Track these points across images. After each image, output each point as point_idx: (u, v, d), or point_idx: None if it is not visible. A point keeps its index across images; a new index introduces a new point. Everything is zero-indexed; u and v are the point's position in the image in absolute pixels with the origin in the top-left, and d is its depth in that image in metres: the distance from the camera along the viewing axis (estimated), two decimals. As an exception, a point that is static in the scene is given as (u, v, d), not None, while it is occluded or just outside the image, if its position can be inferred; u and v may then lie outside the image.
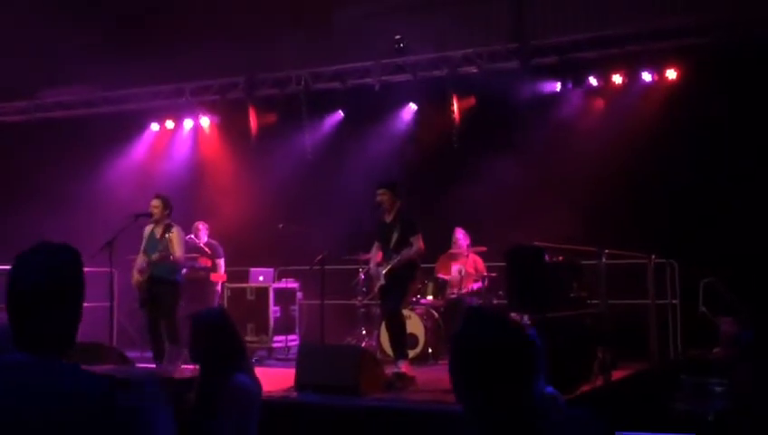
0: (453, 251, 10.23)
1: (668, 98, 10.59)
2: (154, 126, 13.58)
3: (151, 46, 11.93)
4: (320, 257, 8.82)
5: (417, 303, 9.89)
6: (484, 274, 10.06)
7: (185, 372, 6.72)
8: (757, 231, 9.49)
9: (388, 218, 8.08)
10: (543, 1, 11.48)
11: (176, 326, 8.39)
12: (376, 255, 8.21)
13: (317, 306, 9.15)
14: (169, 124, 13.49)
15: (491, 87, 11.21)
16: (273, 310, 10.72)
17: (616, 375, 7.73)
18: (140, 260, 8.63)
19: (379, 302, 8.74)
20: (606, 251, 8.30)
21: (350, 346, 9.41)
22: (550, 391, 3.28)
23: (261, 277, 11.06)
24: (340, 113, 12.67)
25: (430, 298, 10.04)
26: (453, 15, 11.71)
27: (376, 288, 8.29)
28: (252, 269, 11.19)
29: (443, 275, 10.21)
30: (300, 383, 7.14)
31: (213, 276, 10.73)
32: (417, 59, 11.83)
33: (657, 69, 10.72)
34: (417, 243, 7.86)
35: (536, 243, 7.83)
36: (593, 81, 11.14)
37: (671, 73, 10.63)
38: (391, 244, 7.96)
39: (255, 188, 12.45)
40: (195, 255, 10.52)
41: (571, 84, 11.24)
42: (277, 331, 10.70)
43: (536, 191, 10.66)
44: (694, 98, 10.24)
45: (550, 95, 11.34)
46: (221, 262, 10.82)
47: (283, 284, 11.09)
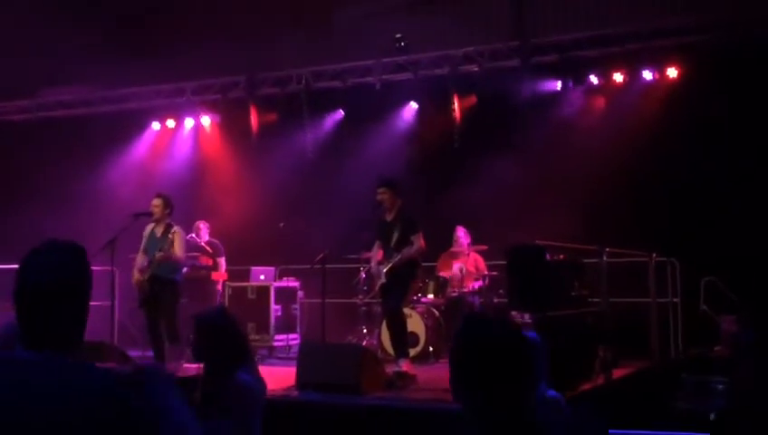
0: (454, 250, 10.23)
1: (669, 96, 10.57)
2: (155, 125, 13.57)
3: (152, 46, 11.94)
4: (321, 256, 8.81)
5: (418, 301, 9.88)
6: (485, 272, 10.06)
7: (188, 370, 6.72)
8: (758, 230, 9.48)
9: (388, 217, 8.07)
10: (544, -1, 11.50)
11: (176, 326, 8.38)
12: (377, 253, 8.19)
13: (318, 305, 9.15)
14: (170, 123, 13.48)
15: (492, 86, 11.21)
16: (275, 309, 10.73)
17: (617, 374, 7.74)
18: (140, 259, 8.62)
19: (379, 300, 8.73)
20: (607, 250, 8.30)
21: (351, 345, 9.41)
22: (552, 394, 3.28)
23: (262, 276, 11.06)
24: (341, 112, 12.67)
25: (431, 297, 10.03)
26: (453, 14, 11.69)
27: (377, 287, 8.28)
28: (253, 268, 11.20)
29: (444, 274, 10.20)
30: (301, 382, 7.14)
31: (214, 275, 10.73)
32: (417, 57, 11.83)
33: (658, 67, 10.69)
34: (418, 241, 7.85)
35: (537, 241, 7.83)
36: (594, 79, 11.12)
37: (672, 72, 10.59)
38: (392, 242, 7.94)
39: (256, 187, 12.45)
40: (196, 254, 10.53)
41: (571, 83, 11.23)
42: (278, 329, 10.71)
43: (537, 190, 10.66)
44: (694, 97, 10.23)
45: (550, 94, 11.32)
46: (222, 261, 10.82)
47: (284, 282, 11.09)
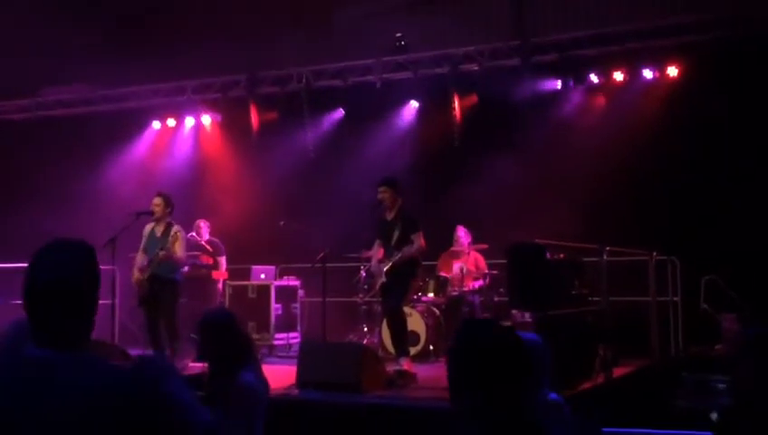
0: (454, 249, 10.23)
1: (669, 95, 10.55)
2: (155, 124, 13.57)
3: (152, 45, 11.93)
4: (321, 255, 8.81)
5: (419, 300, 9.88)
6: (486, 271, 10.07)
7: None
8: (759, 228, 9.48)
9: (389, 216, 8.06)
10: (544, -2, 11.49)
11: (175, 325, 8.39)
12: (377, 252, 8.18)
13: (318, 304, 9.15)
14: (171, 122, 13.47)
15: (492, 85, 11.20)
16: (275, 307, 10.74)
17: (617, 372, 7.74)
18: (140, 258, 8.61)
19: (380, 299, 8.73)
20: (607, 248, 8.30)
21: (352, 344, 9.42)
22: (554, 397, 3.27)
23: (262, 275, 11.07)
24: (341, 111, 12.66)
25: (431, 296, 10.03)
26: (453, 14, 11.69)
27: (377, 286, 8.29)
28: (253, 267, 11.21)
29: (444, 273, 10.20)
30: (301, 381, 7.15)
31: (214, 274, 10.74)
32: (418, 56, 11.83)
33: (659, 66, 10.67)
34: (419, 240, 7.84)
35: (537, 240, 7.83)
36: (594, 78, 11.09)
37: (672, 71, 10.56)
38: (392, 241, 7.94)
39: (257, 185, 12.45)
40: (196, 253, 10.53)
41: (571, 82, 11.21)
42: (279, 328, 10.71)
43: (537, 189, 10.66)
44: (695, 95, 10.21)
45: (551, 93, 11.30)
46: (222, 260, 10.82)
47: (284, 281, 11.09)
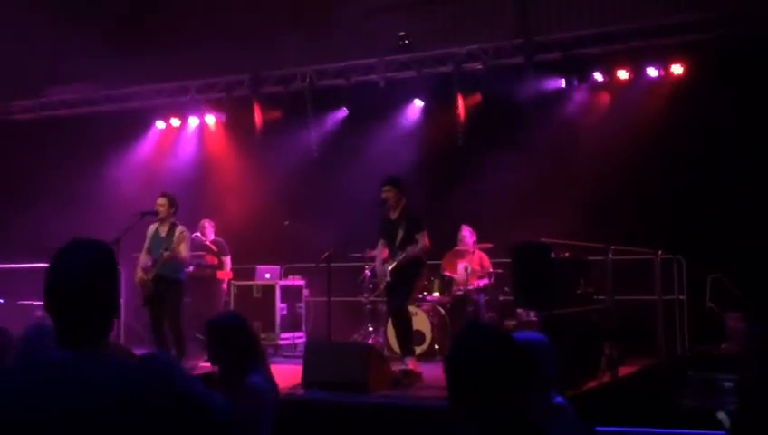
0: (459, 248, 10.22)
1: (674, 94, 10.51)
2: (159, 124, 13.56)
3: (156, 45, 11.94)
4: (326, 255, 8.81)
5: (424, 300, 9.88)
6: (491, 270, 10.06)
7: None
8: (764, 226, 9.45)
9: (393, 215, 8.06)
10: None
11: (179, 325, 8.38)
12: (382, 252, 8.18)
13: (323, 303, 9.16)
14: (175, 122, 13.47)
15: (496, 84, 11.18)
16: (280, 307, 10.74)
17: (623, 371, 7.74)
18: (144, 258, 8.59)
19: (385, 299, 8.73)
20: (612, 247, 8.29)
21: (357, 343, 9.43)
22: (559, 400, 3.26)
23: (267, 275, 11.07)
24: (345, 110, 12.65)
25: (436, 295, 10.03)
26: (457, 12, 11.68)
27: (382, 285, 8.29)
28: (258, 267, 11.20)
29: (449, 273, 10.20)
30: (307, 381, 7.15)
31: (219, 274, 10.75)
32: (421, 55, 11.81)
33: (663, 64, 10.62)
34: (423, 240, 7.84)
35: (542, 239, 7.82)
36: (598, 76, 11.05)
37: (677, 69, 10.51)
38: (397, 241, 7.94)
39: (261, 185, 12.44)
40: (201, 253, 10.54)
41: (576, 80, 11.18)
42: (284, 328, 10.71)
43: (542, 187, 10.64)
44: (699, 94, 10.17)
45: (555, 91, 11.27)
46: (227, 259, 10.83)
47: (289, 281, 11.10)
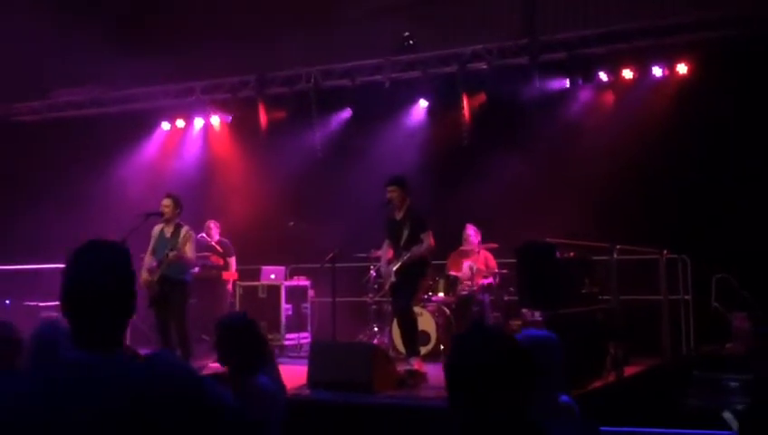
0: (464, 248, 10.21)
1: (679, 93, 10.49)
2: (165, 125, 13.59)
3: (161, 46, 11.97)
4: (331, 255, 8.82)
5: (429, 300, 9.88)
6: (496, 270, 10.05)
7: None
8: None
9: (398, 215, 8.05)
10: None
11: (185, 327, 8.39)
12: (386, 252, 8.18)
13: (328, 304, 9.17)
14: (180, 123, 13.50)
15: (501, 84, 11.18)
16: (285, 308, 10.76)
17: (628, 371, 7.73)
18: (149, 260, 8.59)
19: (390, 299, 8.74)
20: (617, 247, 8.28)
21: (362, 343, 9.43)
22: (565, 399, 3.25)
23: (272, 275, 11.09)
24: (349, 111, 12.65)
25: (441, 295, 10.03)
26: (461, 12, 11.68)
27: (387, 286, 8.29)
28: (263, 267, 11.23)
29: (454, 272, 10.19)
30: (312, 381, 7.17)
31: (224, 275, 10.76)
32: (426, 55, 11.81)
33: (668, 64, 10.59)
34: (428, 240, 7.83)
35: (547, 239, 7.82)
36: (603, 76, 11.03)
37: (682, 68, 10.47)
38: (402, 241, 7.93)
39: (266, 186, 12.46)
40: (206, 253, 10.56)
41: (580, 80, 11.16)
42: (289, 328, 10.74)
43: (547, 187, 10.63)
44: (705, 93, 10.14)
45: (559, 91, 11.25)
46: (232, 260, 10.85)
47: (294, 281, 11.11)
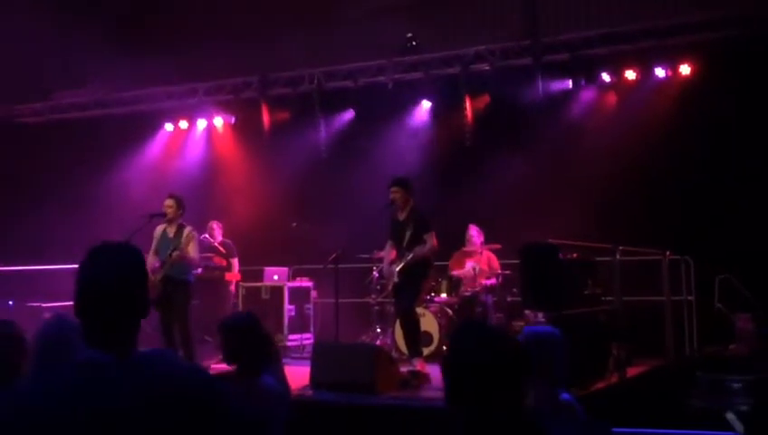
0: (467, 248, 10.21)
1: (682, 94, 10.48)
2: (168, 126, 13.62)
3: (164, 47, 11.98)
4: (333, 256, 8.81)
5: (432, 300, 9.88)
6: (498, 271, 10.04)
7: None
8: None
9: (401, 216, 8.06)
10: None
11: (188, 328, 8.38)
12: (389, 253, 8.18)
13: (331, 305, 9.16)
14: (183, 124, 13.52)
15: (503, 85, 11.18)
16: (288, 309, 10.76)
17: (631, 372, 7.72)
18: (152, 260, 8.59)
19: (393, 300, 8.73)
20: (620, 248, 8.27)
21: (365, 344, 9.43)
22: (566, 397, 3.26)
23: (275, 276, 11.09)
24: (352, 112, 12.66)
25: (444, 296, 10.03)
26: (464, 13, 11.68)
27: (390, 286, 8.29)
28: (266, 268, 11.22)
29: (457, 273, 10.19)
30: (315, 382, 7.17)
31: (227, 276, 10.77)
32: (429, 57, 11.82)
33: (671, 65, 10.58)
34: (431, 240, 7.83)
35: (550, 240, 7.81)
36: (606, 77, 11.03)
37: (685, 69, 10.47)
38: (404, 242, 7.93)
39: (269, 187, 12.47)
40: (209, 254, 10.57)
41: (583, 81, 11.16)
42: (292, 329, 10.75)
43: (550, 188, 10.63)
44: (707, 94, 10.13)
45: (562, 92, 11.26)
46: (235, 261, 10.86)
47: (297, 282, 11.12)
